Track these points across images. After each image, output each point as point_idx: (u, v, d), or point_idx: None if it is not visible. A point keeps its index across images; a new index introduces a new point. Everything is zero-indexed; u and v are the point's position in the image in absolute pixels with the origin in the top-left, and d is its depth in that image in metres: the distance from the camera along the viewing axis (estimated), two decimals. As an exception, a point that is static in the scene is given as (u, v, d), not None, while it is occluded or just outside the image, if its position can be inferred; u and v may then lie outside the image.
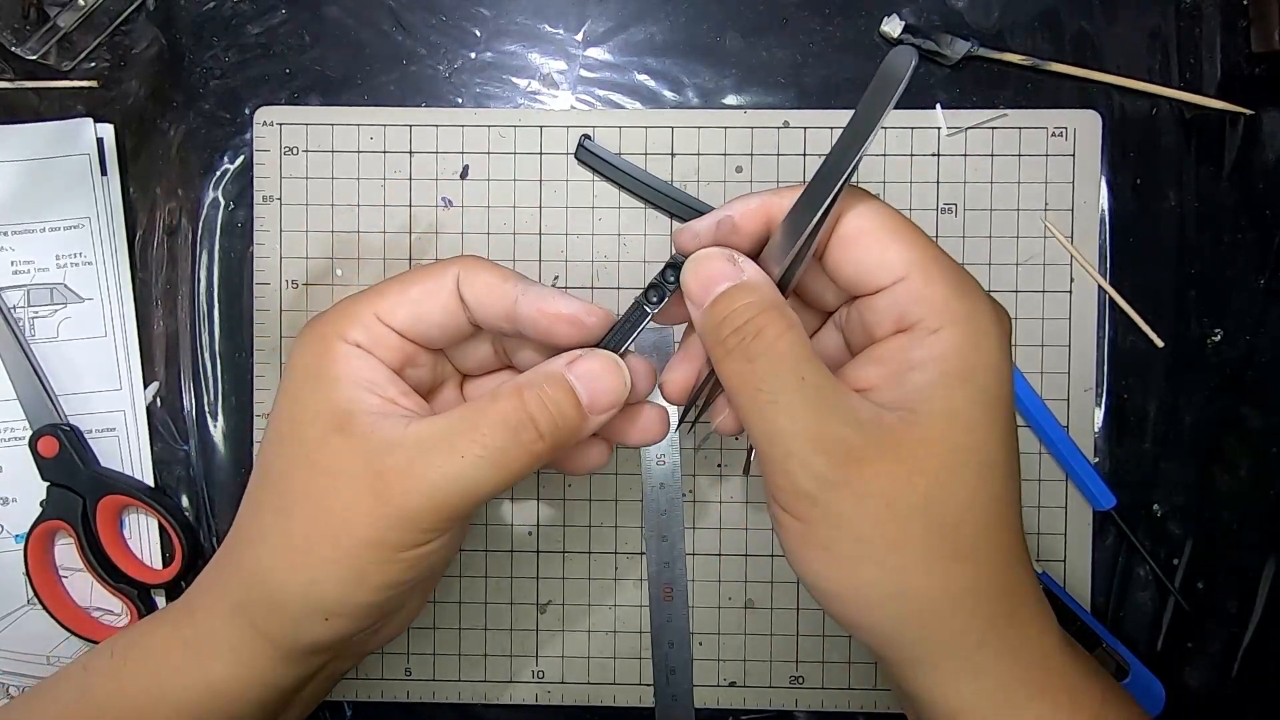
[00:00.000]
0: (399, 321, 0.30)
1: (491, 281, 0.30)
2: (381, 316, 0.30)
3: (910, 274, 0.27)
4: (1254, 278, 0.41)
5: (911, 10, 0.42)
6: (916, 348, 0.27)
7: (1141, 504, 0.42)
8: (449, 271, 0.31)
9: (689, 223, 0.30)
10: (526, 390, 0.29)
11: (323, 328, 0.30)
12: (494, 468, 0.28)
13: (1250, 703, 0.41)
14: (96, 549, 0.41)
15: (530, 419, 0.28)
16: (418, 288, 0.31)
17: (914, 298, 0.27)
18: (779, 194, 0.29)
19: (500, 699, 0.42)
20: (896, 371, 0.27)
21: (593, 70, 0.42)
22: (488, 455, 0.28)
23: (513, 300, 0.30)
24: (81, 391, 0.42)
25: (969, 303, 0.27)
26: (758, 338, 0.27)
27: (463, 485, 0.28)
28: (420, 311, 0.31)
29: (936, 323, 0.26)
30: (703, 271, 0.29)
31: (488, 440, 0.28)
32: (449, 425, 0.28)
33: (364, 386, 0.30)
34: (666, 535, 0.42)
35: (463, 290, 0.31)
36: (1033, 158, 0.41)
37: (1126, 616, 0.42)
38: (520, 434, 0.28)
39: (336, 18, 0.43)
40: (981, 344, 0.26)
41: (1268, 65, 0.41)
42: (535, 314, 0.30)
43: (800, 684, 0.42)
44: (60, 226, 0.42)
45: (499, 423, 0.28)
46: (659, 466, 0.42)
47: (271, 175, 0.42)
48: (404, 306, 0.30)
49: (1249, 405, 0.41)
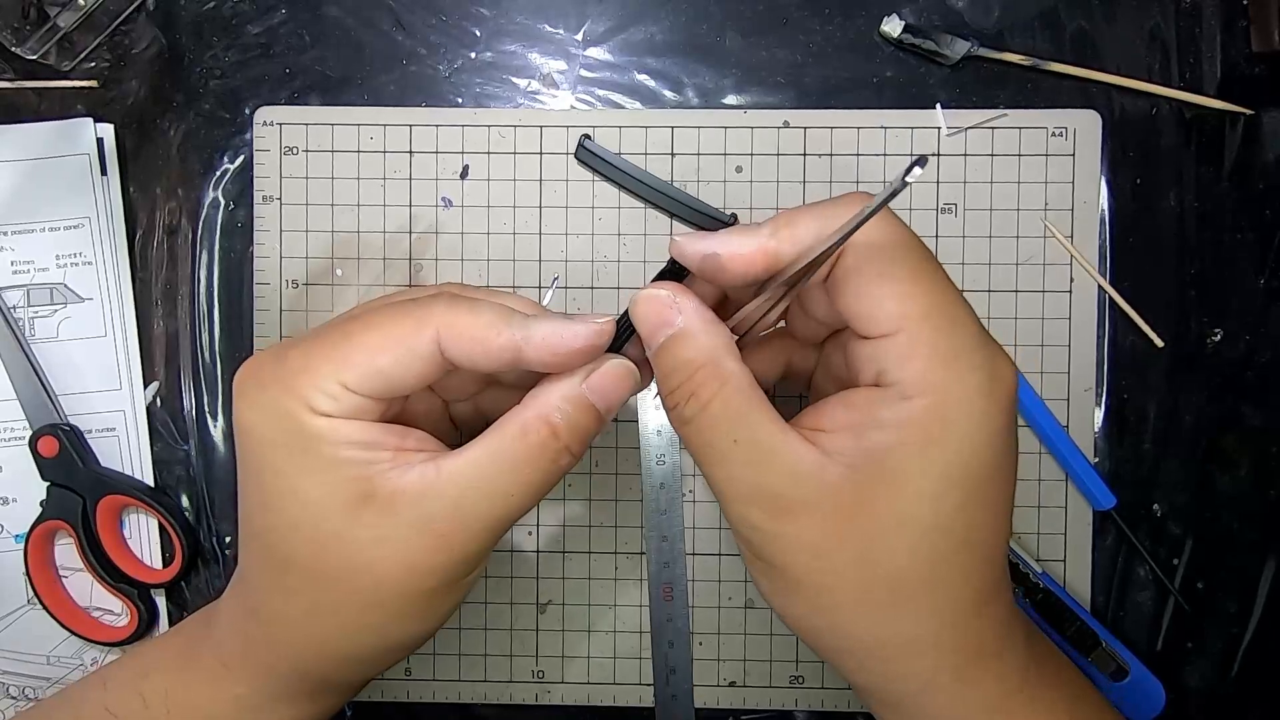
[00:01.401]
0: (371, 391, 0.28)
1: (480, 336, 0.27)
2: (351, 387, 0.27)
3: (901, 331, 0.25)
4: (1254, 278, 0.41)
5: (911, 10, 0.42)
6: (885, 407, 0.26)
7: (1141, 504, 0.42)
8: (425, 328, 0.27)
9: (683, 239, 0.28)
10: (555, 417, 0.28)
11: (282, 398, 0.27)
12: (536, 496, 0.29)
13: (1250, 703, 0.41)
14: (96, 549, 0.41)
15: (565, 448, 0.28)
16: (388, 355, 0.27)
17: (897, 357, 0.25)
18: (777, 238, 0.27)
19: (500, 699, 0.42)
20: (859, 423, 0.26)
21: (593, 70, 0.42)
22: (532, 491, 0.28)
23: (512, 352, 0.28)
24: (81, 391, 0.42)
25: (954, 373, 0.25)
26: (689, 401, 0.27)
27: (513, 518, 0.29)
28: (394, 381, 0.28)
29: (912, 390, 0.25)
30: (643, 315, 0.28)
31: (531, 480, 0.28)
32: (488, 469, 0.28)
33: (365, 448, 0.28)
34: (666, 535, 0.42)
35: (447, 349, 0.28)
36: (1033, 158, 0.41)
37: (1126, 616, 0.42)
38: (560, 462, 0.29)
39: (336, 18, 0.43)
40: (952, 417, 0.25)
41: (1268, 65, 0.41)
42: (548, 358, 0.28)
43: (800, 684, 0.42)
44: (60, 226, 0.42)
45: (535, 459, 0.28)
46: (659, 466, 0.42)
47: (271, 175, 0.42)
48: (376, 378, 0.27)
49: (1249, 405, 0.41)
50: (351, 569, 0.28)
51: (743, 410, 0.27)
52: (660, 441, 0.42)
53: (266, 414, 0.28)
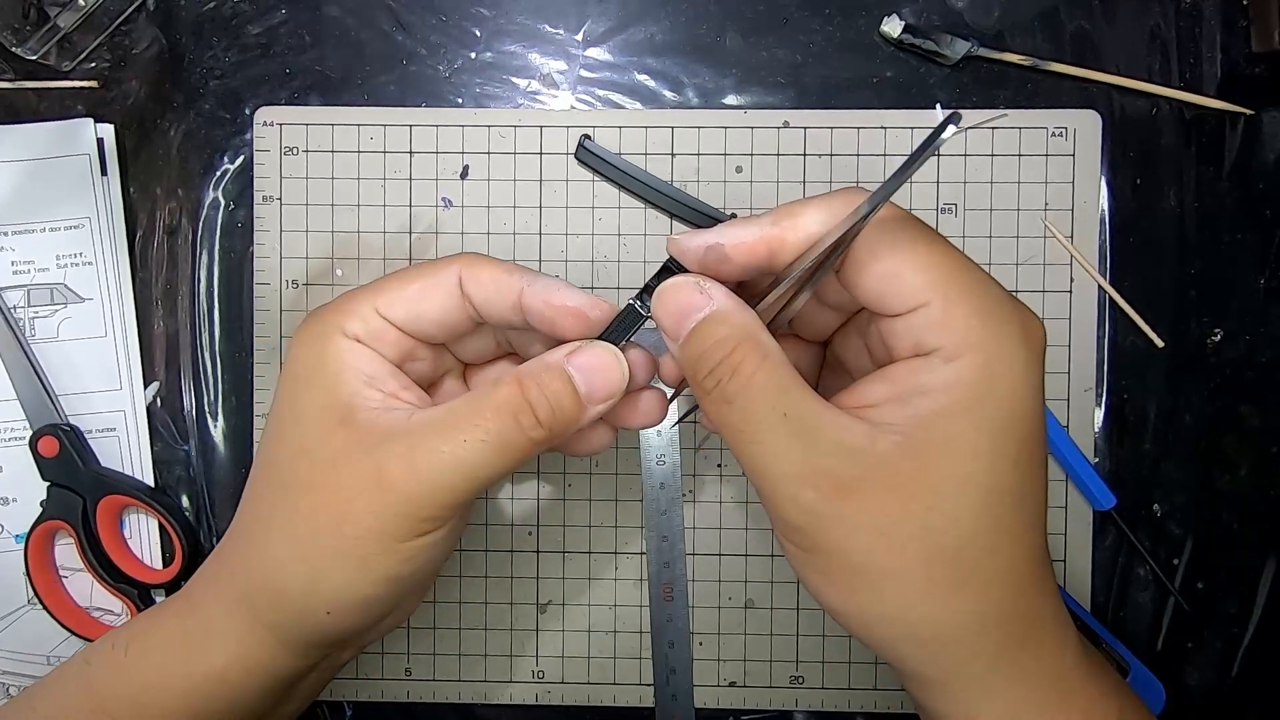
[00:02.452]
0: (398, 317, 0.31)
1: (496, 275, 0.30)
2: (381, 311, 0.31)
3: (931, 299, 0.25)
4: (1254, 278, 0.41)
5: (911, 10, 0.42)
6: (929, 373, 0.26)
7: (1141, 504, 0.42)
8: (450, 269, 0.31)
9: (681, 236, 0.29)
10: (526, 379, 0.29)
11: (322, 321, 0.31)
12: (494, 452, 0.28)
13: (1250, 703, 0.41)
14: (97, 549, 0.41)
15: (530, 406, 0.29)
16: (416, 285, 0.31)
17: (933, 325, 0.25)
18: (779, 226, 0.27)
19: (500, 699, 0.42)
20: (903, 393, 0.26)
21: (593, 70, 0.42)
22: (489, 440, 0.28)
23: (518, 292, 0.30)
24: (81, 391, 0.42)
25: (991, 327, 0.25)
26: (733, 377, 0.26)
27: (464, 470, 0.28)
28: (420, 308, 0.31)
29: (954, 351, 0.25)
30: (672, 305, 0.28)
31: (489, 425, 0.28)
32: (450, 412, 0.29)
33: (364, 380, 0.30)
34: (666, 535, 0.42)
35: (467, 287, 0.31)
36: (1033, 158, 0.41)
37: (1126, 616, 0.42)
38: (520, 420, 0.28)
39: (336, 18, 0.43)
40: (998, 371, 0.25)
41: (1268, 65, 0.41)
42: (541, 306, 0.30)
43: (800, 684, 0.42)
44: (60, 226, 0.42)
45: (499, 409, 0.29)
46: (659, 466, 0.42)
47: (271, 175, 0.42)
48: (403, 303, 0.31)
49: (1249, 405, 0.41)
50: (308, 487, 0.29)
51: (788, 383, 0.26)
52: (660, 441, 0.42)
53: (305, 337, 0.31)
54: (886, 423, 0.26)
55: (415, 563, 0.30)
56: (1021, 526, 0.26)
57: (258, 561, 0.30)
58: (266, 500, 0.31)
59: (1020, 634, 0.27)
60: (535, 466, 0.42)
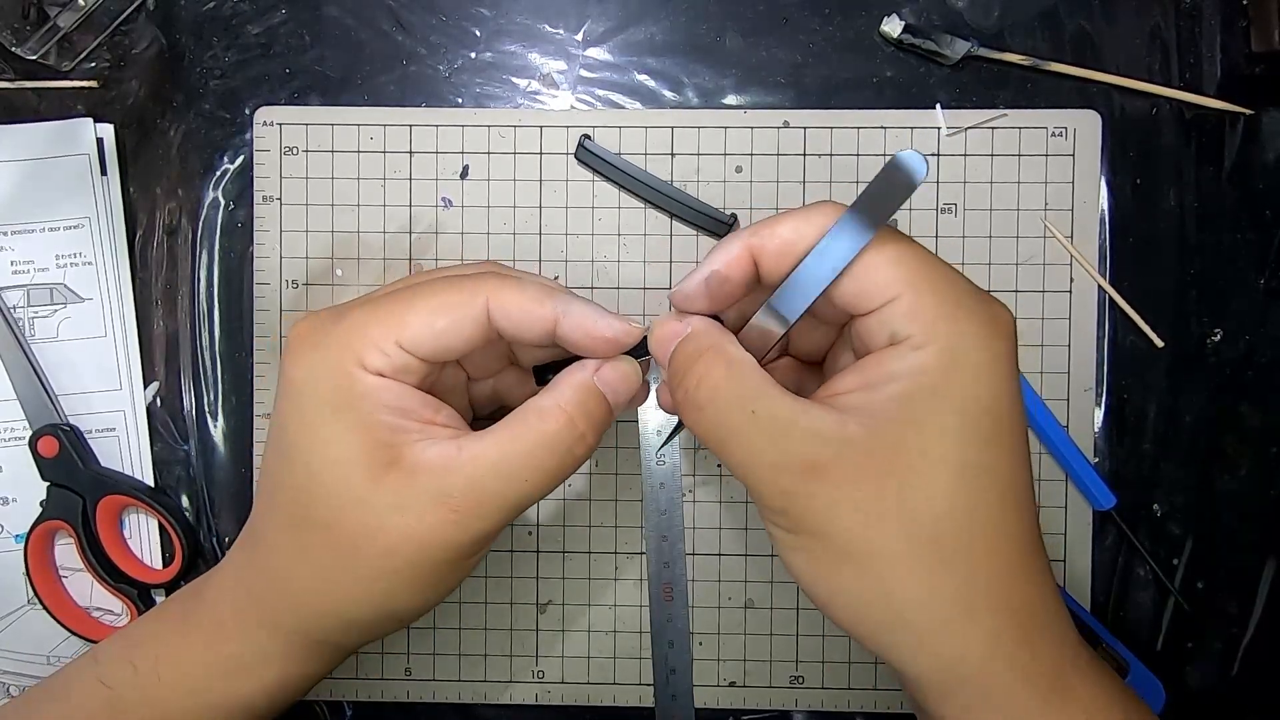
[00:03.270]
0: (425, 352, 0.30)
1: (526, 308, 0.30)
2: (406, 346, 0.29)
3: (901, 293, 0.27)
4: (1254, 278, 0.41)
5: (911, 10, 0.42)
6: (897, 360, 0.27)
7: (1141, 504, 0.42)
8: (477, 299, 0.30)
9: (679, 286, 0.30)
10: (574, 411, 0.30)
11: (338, 352, 0.29)
12: (553, 484, 0.30)
13: (1250, 703, 0.41)
14: (96, 549, 0.41)
15: (583, 436, 0.30)
16: (445, 320, 0.30)
17: (904, 314, 0.27)
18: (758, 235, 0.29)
19: (500, 699, 0.42)
20: (873, 381, 0.27)
21: (593, 70, 0.42)
22: (548, 477, 0.30)
23: (551, 323, 0.30)
24: (81, 391, 0.42)
25: (959, 316, 0.26)
26: (700, 385, 0.28)
27: (527, 502, 0.30)
28: (446, 343, 0.30)
29: (922, 339, 0.26)
30: (656, 337, 0.31)
31: (547, 464, 0.30)
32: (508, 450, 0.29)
33: (401, 416, 0.29)
34: (666, 535, 0.42)
35: (496, 319, 0.30)
36: (1033, 158, 0.41)
37: (1126, 616, 0.42)
38: (575, 450, 0.30)
39: (336, 18, 0.43)
40: (966, 356, 0.26)
41: (1268, 65, 0.41)
42: (580, 337, 0.30)
43: (800, 684, 0.42)
44: (60, 226, 0.42)
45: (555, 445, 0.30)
46: (659, 466, 0.42)
47: (271, 175, 0.42)
48: (430, 339, 0.30)
49: (1249, 405, 0.41)
50: (366, 533, 0.29)
51: (754, 384, 0.28)
52: (660, 442, 0.42)
53: (318, 370, 0.29)
54: (856, 408, 0.27)
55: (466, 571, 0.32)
56: (1004, 509, 0.27)
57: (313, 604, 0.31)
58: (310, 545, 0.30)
59: (1015, 627, 0.27)
60: (535, 466, 0.42)
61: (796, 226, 0.28)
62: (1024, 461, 0.27)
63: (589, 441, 0.30)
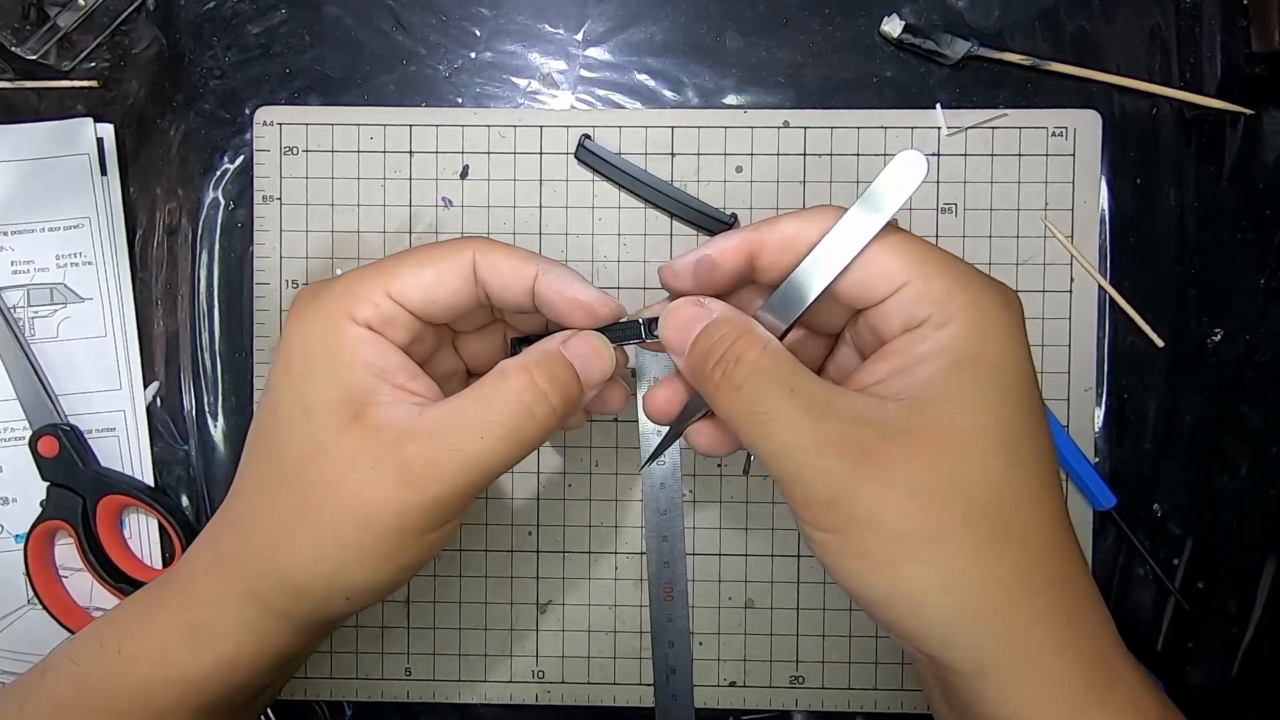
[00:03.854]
0: (413, 303, 0.30)
1: (511, 264, 0.31)
2: (395, 296, 0.30)
3: (910, 278, 0.27)
4: (1254, 278, 0.41)
5: (911, 10, 0.42)
6: (923, 342, 0.27)
7: (1141, 504, 0.42)
8: (464, 253, 0.31)
9: (670, 261, 0.31)
10: (535, 369, 0.30)
11: (330, 305, 0.30)
12: (511, 444, 0.29)
13: (1250, 703, 0.41)
14: (96, 549, 0.41)
15: (543, 395, 0.30)
16: (432, 269, 0.31)
17: (917, 298, 0.27)
18: (759, 230, 0.29)
19: (500, 699, 0.42)
20: (904, 365, 0.27)
21: (593, 70, 0.42)
22: (506, 435, 0.29)
23: (532, 279, 0.31)
24: (81, 391, 0.42)
25: (973, 293, 0.27)
26: (739, 363, 0.27)
27: (483, 464, 0.29)
28: (434, 295, 0.31)
29: (943, 317, 0.26)
30: (675, 322, 0.30)
31: (505, 420, 0.29)
32: (466, 408, 0.29)
33: (376, 374, 0.30)
34: (666, 535, 0.42)
35: (481, 273, 0.31)
36: (1033, 158, 0.41)
37: (1126, 616, 0.42)
38: (535, 410, 0.29)
39: (336, 18, 0.43)
40: (989, 331, 0.26)
41: (1268, 65, 0.41)
42: (554, 296, 0.31)
43: (800, 684, 0.42)
44: (60, 226, 0.42)
45: (513, 402, 0.29)
46: (659, 466, 0.42)
47: (271, 175, 0.42)
48: (419, 289, 0.30)
49: (1249, 405, 0.41)
50: (324, 487, 0.29)
51: (790, 365, 0.27)
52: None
53: (310, 324, 0.30)
54: (892, 394, 0.27)
55: (434, 549, 0.31)
56: (1043, 480, 0.26)
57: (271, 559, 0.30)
58: (275, 496, 0.30)
59: (1068, 604, 0.26)
60: (535, 466, 0.42)
61: (799, 224, 0.29)
62: (1050, 433, 0.27)
63: (551, 403, 0.30)
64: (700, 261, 0.30)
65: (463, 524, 0.42)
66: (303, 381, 0.30)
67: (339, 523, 0.29)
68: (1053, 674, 0.26)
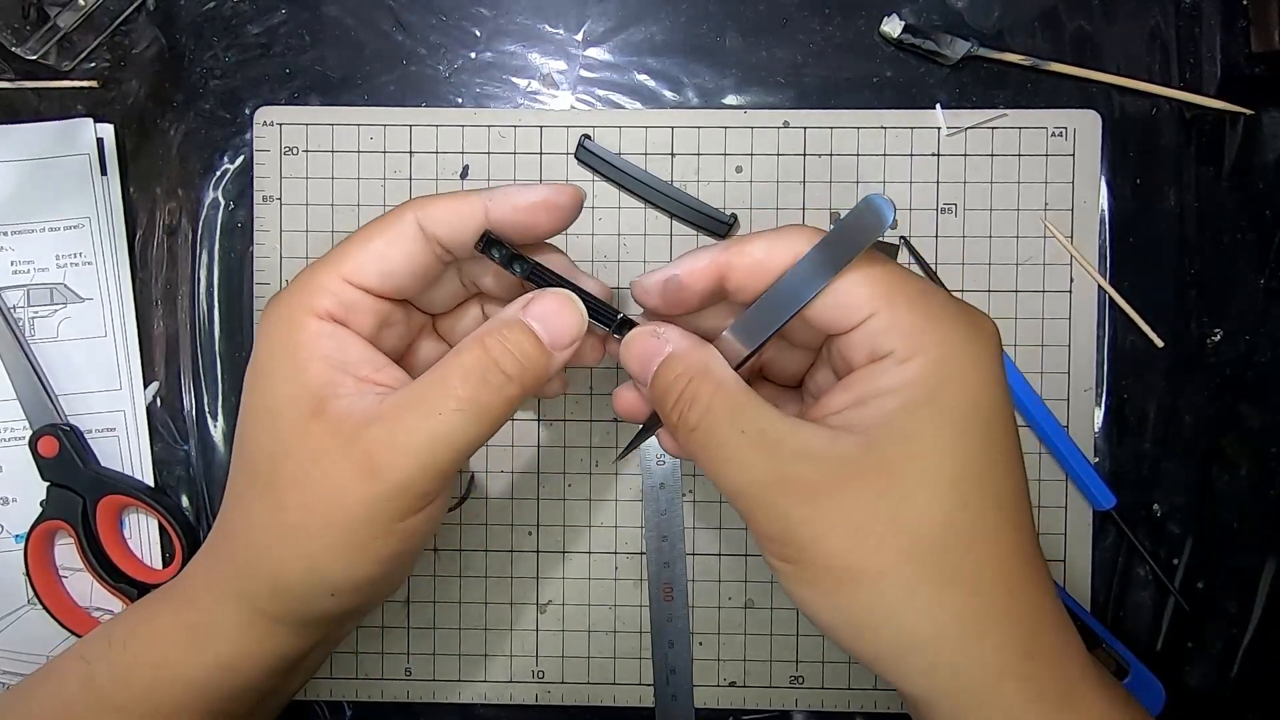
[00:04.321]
0: (369, 280, 0.30)
1: (454, 207, 0.30)
2: (350, 278, 0.30)
3: (878, 309, 0.27)
4: (1254, 278, 0.41)
5: (911, 10, 0.42)
6: (884, 375, 0.27)
7: (1141, 504, 0.42)
8: (404, 216, 0.30)
9: (640, 278, 0.30)
10: (488, 338, 0.29)
11: (289, 302, 0.30)
12: (472, 418, 0.28)
13: (1250, 703, 0.41)
14: (96, 549, 0.41)
15: (495, 363, 0.29)
16: (379, 239, 0.30)
17: (885, 329, 0.27)
18: (728, 251, 0.29)
19: (500, 699, 0.42)
20: (862, 397, 0.27)
21: (593, 70, 0.42)
22: (464, 408, 0.28)
23: (481, 215, 0.30)
24: (81, 391, 0.42)
25: (943, 329, 0.27)
26: (692, 406, 0.28)
27: (446, 443, 0.28)
28: (388, 265, 0.30)
29: (907, 352, 0.26)
30: (634, 353, 0.30)
31: (460, 392, 0.28)
32: (422, 387, 0.29)
33: (336, 368, 0.29)
34: (666, 535, 0.42)
35: (427, 226, 0.30)
36: (1033, 158, 0.41)
37: (1126, 616, 0.42)
38: (489, 379, 0.29)
39: (336, 18, 0.43)
40: (952, 366, 0.26)
41: (1268, 65, 0.41)
42: (510, 214, 0.30)
43: (800, 684, 0.42)
44: (60, 226, 0.42)
45: (468, 373, 0.28)
46: (659, 466, 0.42)
47: (271, 175, 0.42)
48: (371, 262, 0.30)
49: (1249, 405, 0.41)
50: (292, 485, 0.29)
51: (743, 403, 0.27)
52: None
53: (273, 323, 0.30)
54: (848, 426, 0.27)
55: (414, 538, 0.30)
56: (1002, 519, 0.26)
57: (250, 559, 0.30)
58: (251, 498, 0.30)
59: (1022, 640, 0.26)
60: (535, 466, 0.42)
61: (768, 248, 0.28)
62: (1019, 468, 0.27)
63: (507, 370, 0.29)
64: (669, 281, 0.29)
65: (463, 524, 0.42)
66: (266, 382, 0.30)
67: (308, 518, 0.29)
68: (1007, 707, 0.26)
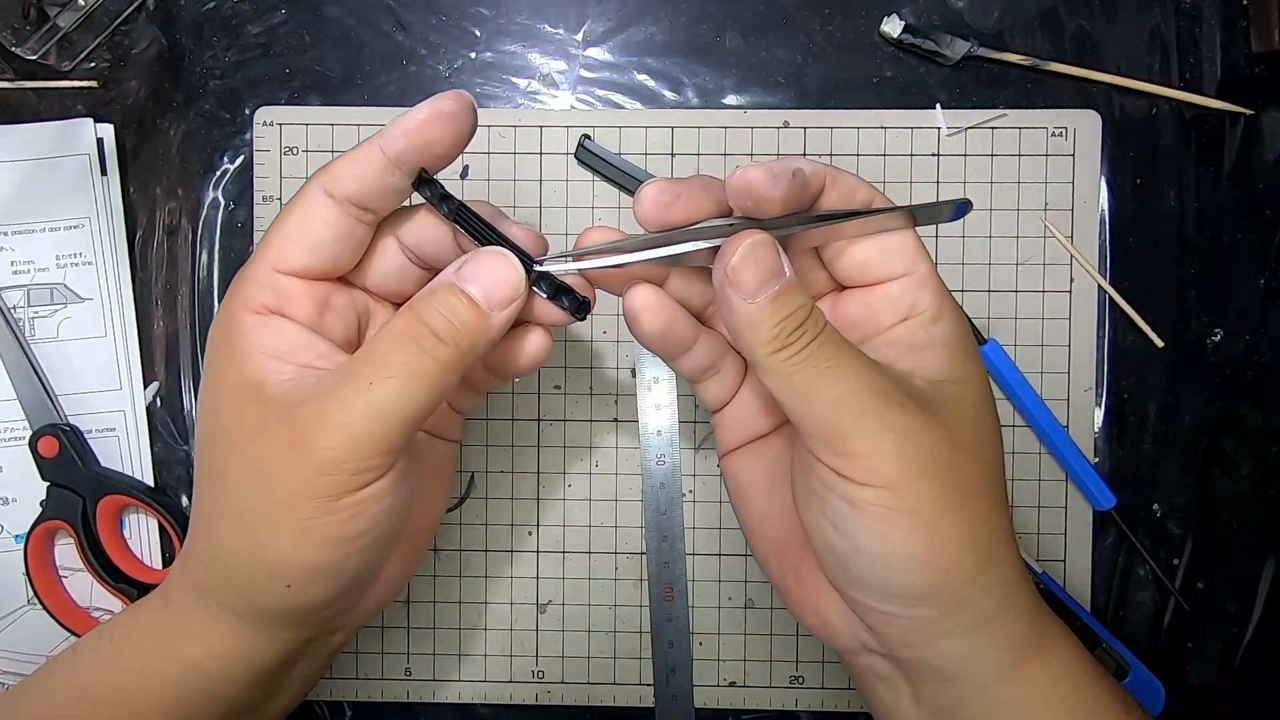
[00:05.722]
0: (296, 262, 0.29)
1: (352, 159, 0.29)
2: (277, 266, 0.29)
3: (915, 268, 0.30)
4: (1254, 278, 0.41)
5: (911, 10, 0.42)
6: (923, 333, 0.30)
7: (1141, 504, 0.42)
8: (309, 187, 0.30)
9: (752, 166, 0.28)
10: (418, 303, 0.28)
11: (227, 304, 0.30)
12: (406, 386, 0.27)
13: (1250, 703, 0.41)
14: (96, 549, 0.41)
15: (425, 326, 0.28)
16: (293, 218, 0.30)
17: (918, 288, 0.30)
18: (834, 170, 0.30)
19: (500, 699, 0.42)
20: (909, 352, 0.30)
21: (593, 70, 0.42)
22: (396, 375, 0.27)
23: (380, 155, 0.29)
24: (81, 391, 0.42)
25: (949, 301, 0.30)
26: (807, 333, 0.27)
27: (378, 412, 0.27)
28: (308, 239, 0.29)
29: (937, 314, 0.30)
30: (762, 266, 0.28)
31: (390, 359, 0.27)
32: (354, 361, 0.28)
33: (275, 357, 0.29)
34: (666, 535, 0.42)
35: (334, 189, 0.29)
36: (1033, 158, 0.41)
37: (1126, 616, 0.42)
38: (422, 344, 0.28)
39: (336, 18, 0.43)
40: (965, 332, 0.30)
41: (1268, 65, 0.41)
42: (404, 140, 0.28)
43: (800, 684, 0.42)
44: (60, 226, 0.42)
45: (398, 340, 0.28)
46: (659, 466, 0.42)
47: (271, 175, 0.42)
48: (292, 244, 0.29)
49: (1249, 405, 0.41)
50: (230, 468, 0.29)
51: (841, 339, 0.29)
52: (660, 442, 0.42)
53: (216, 327, 0.31)
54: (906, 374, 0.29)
55: (361, 520, 0.28)
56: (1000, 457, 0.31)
57: (204, 548, 0.31)
58: (203, 487, 0.31)
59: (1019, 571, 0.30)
60: (535, 466, 0.42)
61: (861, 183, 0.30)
62: None
63: (438, 332, 0.28)
64: (797, 174, 0.28)
65: (463, 524, 0.42)
66: (210, 383, 0.30)
67: (247, 499, 0.28)
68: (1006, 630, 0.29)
